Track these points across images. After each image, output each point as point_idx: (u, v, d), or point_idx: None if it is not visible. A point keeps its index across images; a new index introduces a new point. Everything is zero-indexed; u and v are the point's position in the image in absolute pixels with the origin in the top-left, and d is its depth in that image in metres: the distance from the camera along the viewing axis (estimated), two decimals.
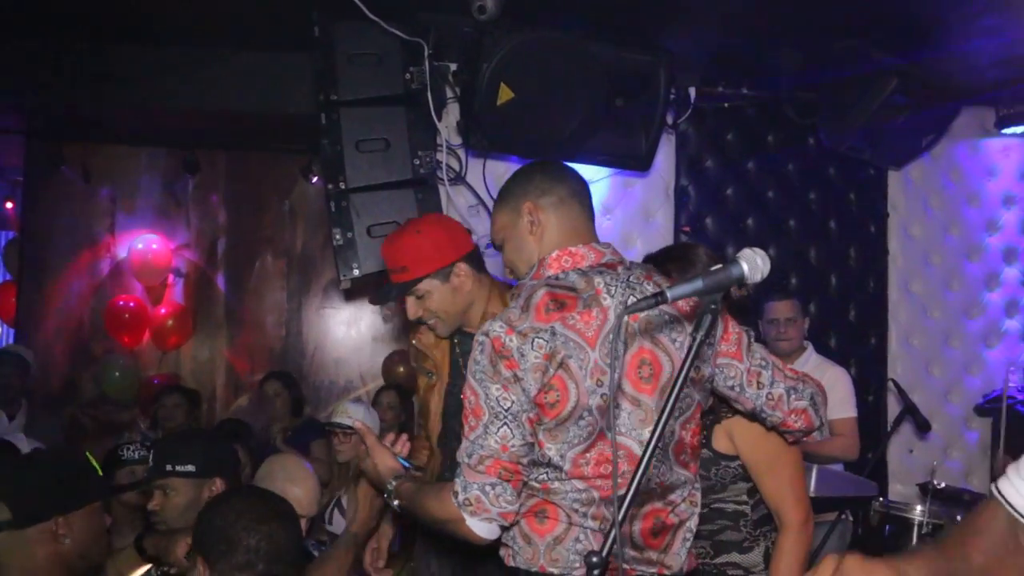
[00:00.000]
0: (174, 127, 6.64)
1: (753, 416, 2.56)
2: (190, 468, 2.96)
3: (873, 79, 4.86)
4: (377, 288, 3.17)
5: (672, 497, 2.39)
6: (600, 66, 4.42)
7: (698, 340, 1.74)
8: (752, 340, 2.53)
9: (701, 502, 2.48)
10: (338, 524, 4.63)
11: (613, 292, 2.33)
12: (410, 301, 3.01)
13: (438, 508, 2.33)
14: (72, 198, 7.08)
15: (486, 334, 2.26)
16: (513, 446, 2.24)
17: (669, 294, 1.74)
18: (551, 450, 2.26)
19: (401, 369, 7.15)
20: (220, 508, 2.18)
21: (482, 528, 2.27)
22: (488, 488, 2.24)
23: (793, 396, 2.52)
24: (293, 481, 3.49)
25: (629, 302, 2.31)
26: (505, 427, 2.23)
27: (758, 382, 2.48)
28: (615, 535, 1.69)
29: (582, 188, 2.53)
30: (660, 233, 5.30)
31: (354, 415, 4.73)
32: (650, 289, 2.37)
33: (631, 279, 2.38)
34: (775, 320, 4.93)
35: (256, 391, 6.11)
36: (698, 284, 1.78)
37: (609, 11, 4.48)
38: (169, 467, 2.96)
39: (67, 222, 7.11)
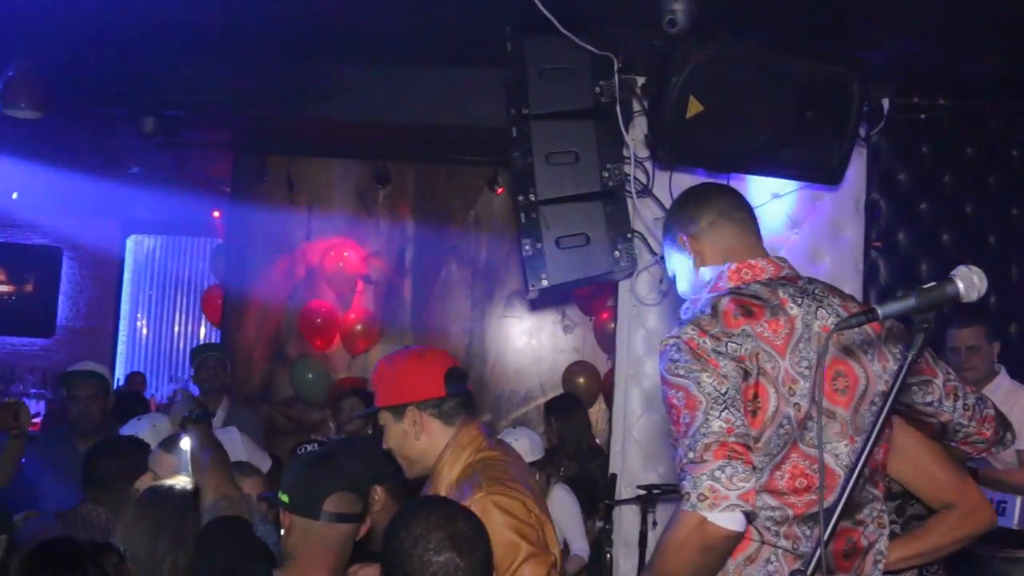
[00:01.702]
0: (368, 140, 6.95)
1: (944, 431, 2.48)
2: None
3: None
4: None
5: (861, 516, 2.33)
6: (791, 78, 4.35)
7: (910, 359, 1.71)
8: (935, 354, 2.48)
9: None
10: None
11: (799, 302, 2.31)
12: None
13: (674, 532, 2.19)
14: (273, 207, 7.48)
15: (678, 337, 2.25)
16: (737, 428, 2.15)
17: (881, 312, 1.73)
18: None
19: (581, 380, 7.22)
20: (404, 530, 2.14)
21: (726, 519, 2.10)
22: (718, 472, 2.11)
23: (982, 404, 2.47)
24: None
25: (819, 314, 2.30)
26: (727, 411, 2.14)
27: (955, 394, 2.43)
28: (820, 555, 1.67)
29: (732, 204, 2.53)
30: (849, 249, 5.15)
31: (519, 439, 4.82)
32: (836, 302, 2.36)
33: (815, 292, 2.37)
34: (956, 348, 4.70)
35: None
36: (911, 302, 1.75)
37: (802, 22, 4.41)
38: None
39: (268, 230, 7.51)
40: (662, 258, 4.70)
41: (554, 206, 4.20)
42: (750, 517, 2.16)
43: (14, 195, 9.21)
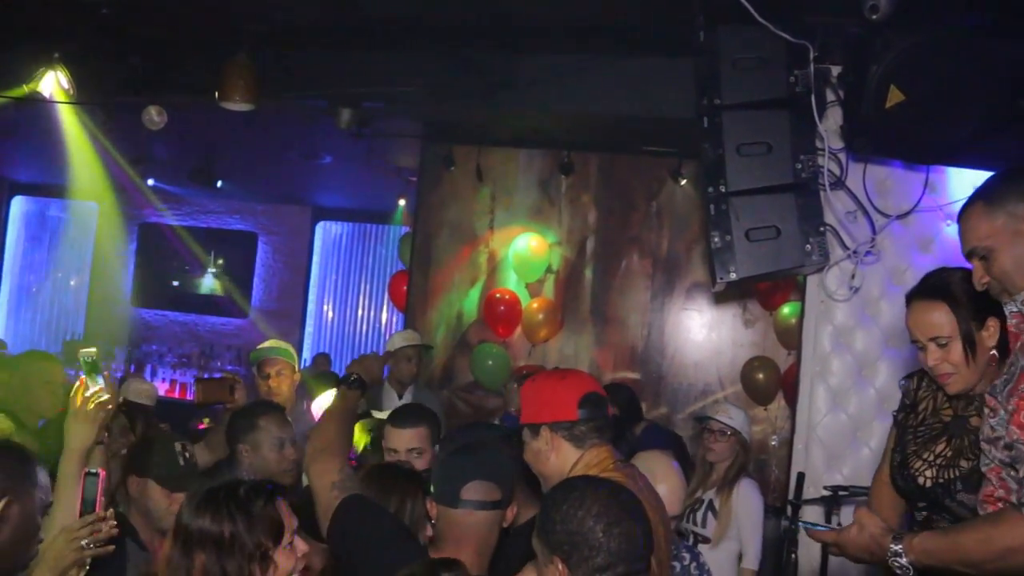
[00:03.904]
0: (552, 130, 7.01)
1: None
2: None
3: None
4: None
5: None
6: (1003, 64, 4.13)
7: None
8: None
9: None
10: (710, 527, 4.67)
11: None
12: None
13: (1007, 534, 2.19)
14: (458, 196, 7.67)
15: None
16: None
17: None
18: None
19: (760, 376, 7.09)
20: (574, 510, 2.20)
21: None
22: None
23: None
24: (657, 479, 3.53)
25: None
26: None
27: None
28: None
29: None
30: None
31: (735, 417, 4.75)
32: None
33: None
34: None
35: None
36: None
37: (1017, 2, 4.18)
38: None
39: (453, 218, 7.71)
40: (854, 252, 4.59)
41: (745, 198, 4.14)
42: None
43: (218, 183, 9.75)
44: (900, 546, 2.39)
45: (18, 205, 12.41)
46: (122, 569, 3.02)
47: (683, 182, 7.27)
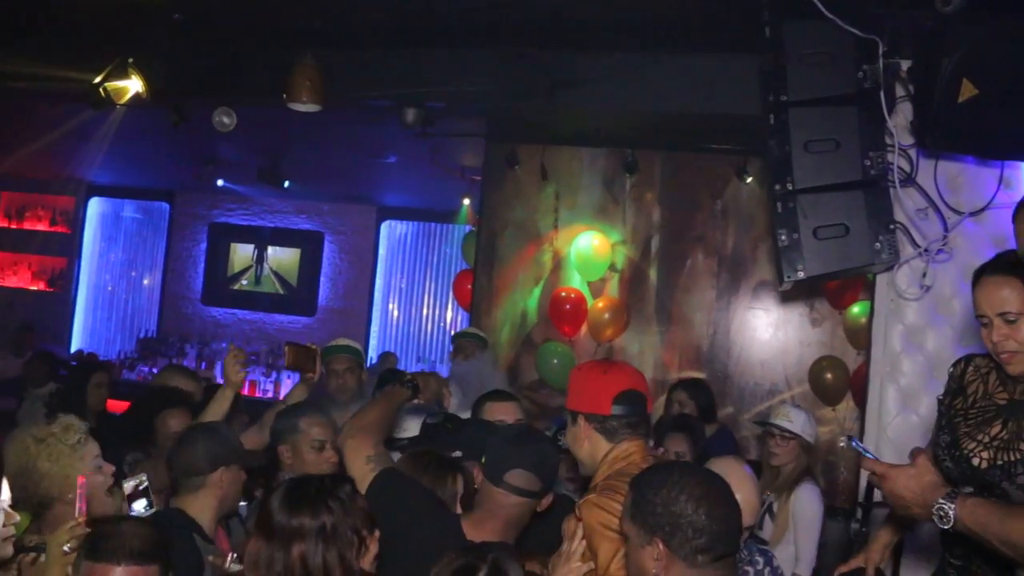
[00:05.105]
0: (616, 129, 7.00)
1: None
2: None
3: None
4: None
5: None
6: None
7: None
8: None
9: None
10: (767, 530, 4.61)
11: None
12: None
13: None
14: (523, 195, 7.69)
15: None
16: None
17: None
18: None
19: (829, 376, 6.99)
20: (675, 494, 2.26)
21: None
22: None
23: None
24: (732, 486, 3.48)
25: None
26: None
27: None
28: None
29: None
30: None
31: (795, 420, 4.69)
32: None
33: None
34: None
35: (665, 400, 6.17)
36: None
37: None
38: None
39: (517, 217, 7.73)
40: (925, 250, 4.49)
41: (812, 195, 4.09)
42: None
43: (285, 183, 9.89)
44: (953, 504, 2.40)
45: (94, 206, 12.74)
46: (198, 567, 3.09)
47: (748, 180, 7.21)
